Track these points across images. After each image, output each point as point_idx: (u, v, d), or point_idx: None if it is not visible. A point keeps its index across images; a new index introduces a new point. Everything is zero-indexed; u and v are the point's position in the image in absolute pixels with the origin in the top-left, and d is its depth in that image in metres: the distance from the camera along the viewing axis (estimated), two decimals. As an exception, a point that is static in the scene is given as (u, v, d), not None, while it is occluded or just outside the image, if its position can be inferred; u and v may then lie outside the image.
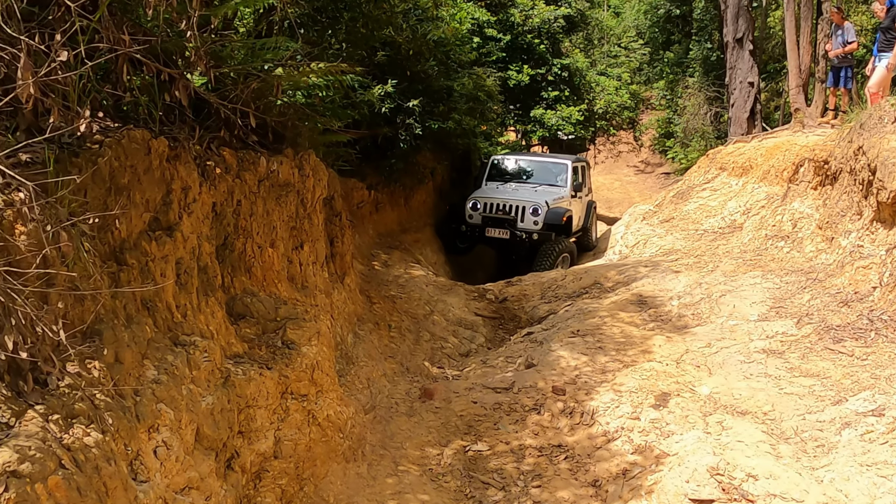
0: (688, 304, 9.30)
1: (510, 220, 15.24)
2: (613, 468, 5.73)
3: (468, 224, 15.50)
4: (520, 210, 15.21)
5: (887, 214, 8.33)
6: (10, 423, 2.49)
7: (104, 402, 2.90)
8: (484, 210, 15.44)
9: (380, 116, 11.67)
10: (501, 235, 15.23)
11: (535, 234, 15.03)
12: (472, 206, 15.56)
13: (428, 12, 12.50)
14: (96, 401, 2.86)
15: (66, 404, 2.72)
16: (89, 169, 3.26)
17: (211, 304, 4.32)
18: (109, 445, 2.80)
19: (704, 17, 30.06)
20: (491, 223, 15.32)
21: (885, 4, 12.21)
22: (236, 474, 4.08)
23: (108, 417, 2.87)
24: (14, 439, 2.43)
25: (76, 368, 2.87)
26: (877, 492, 4.84)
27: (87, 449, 2.66)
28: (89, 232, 3.14)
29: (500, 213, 15.32)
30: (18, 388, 2.61)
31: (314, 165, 6.41)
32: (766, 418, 6.10)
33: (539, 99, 22.78)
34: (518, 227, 15.16)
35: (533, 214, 15.10)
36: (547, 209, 15.20)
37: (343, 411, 5.44)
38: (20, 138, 3.03)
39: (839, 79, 14.70)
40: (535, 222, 15.09)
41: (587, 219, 18.00)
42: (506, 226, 15.20)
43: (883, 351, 6.72)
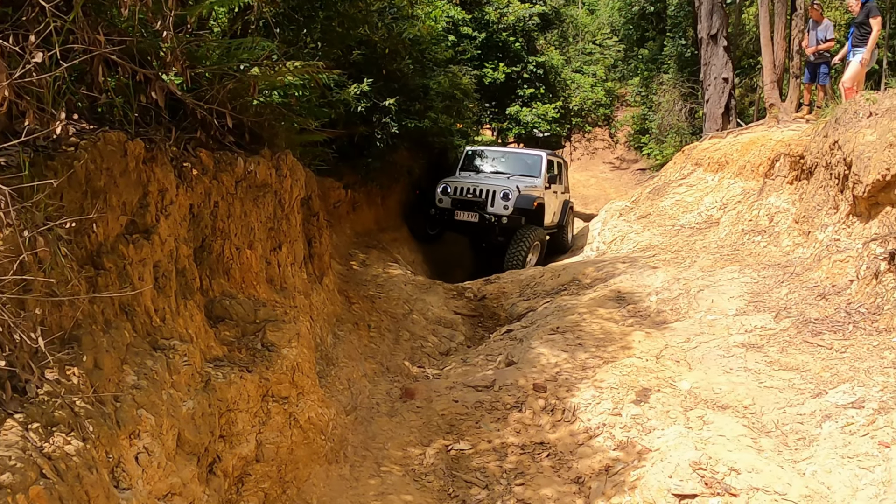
0: (666, 299, 9.33)
1: (480, 202, 14.99)
2: (596, 465, 5.73)
3: (437, 208, 15.27)
4: (490, 194, 15.01)
5: (863, 208, 8.40)
6: (-12, 432, 2.45)
7: (84, 409, 2.87)
8: (454, 193, 15.25)
9: (356, 115, 11.63)
10: (470, 219, 14.97)
11: (504, 219, 14.77)
12: (442, 191, 15.36)
13: (403, 10, 12.49)
14: (76, 408, 2.83)
15: (46, 412, 2.68)
16: (65, 172, 3.22)
17: (190, 307, 4.29)
18: (90, 453, 2.77)
19: (678, 14, 30.19)
20: (460, 206, 15.11)
21: (858, 1, 12.30)
22: (218, 479, 4.05)
23: (89, 424, 2.83)
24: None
25: (55, 375, 2.83)
26: (859, 483, 4.87)
27: (68, 457, 2.62)
28: (66, 236, 3.09)
29: (470, 195, 15.11)
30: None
31: (291, 165, 6.37)
32: (746, 412, 6.13)
33: (515, 97, 22.81)
34: (487, 210, 14.89)
35: (503, 199, 14.88)
36: (518, 194, 15.02)
37: (324, 413, 5.41)
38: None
39: (816, 75, 14.79)
40: (505, 207, 14.85)
41: (563, 216, 17.87)
42: (475, 209, 14.95)
43: (861, 343, 6.76)
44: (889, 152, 7.88)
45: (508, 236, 14.89)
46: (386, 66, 12.38)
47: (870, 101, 9.12)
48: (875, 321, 7.04)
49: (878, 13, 12.24)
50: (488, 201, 14.93)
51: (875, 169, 8.02)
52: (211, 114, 4.54)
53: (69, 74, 3.47)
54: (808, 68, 15.11)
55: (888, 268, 7.31)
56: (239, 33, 6.61)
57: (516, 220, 14.87)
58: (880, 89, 15.99)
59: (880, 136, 8.21)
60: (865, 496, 4.75)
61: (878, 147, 8.12)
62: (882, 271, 7.37)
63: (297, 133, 7.26)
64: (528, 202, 15.08)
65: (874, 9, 12.29)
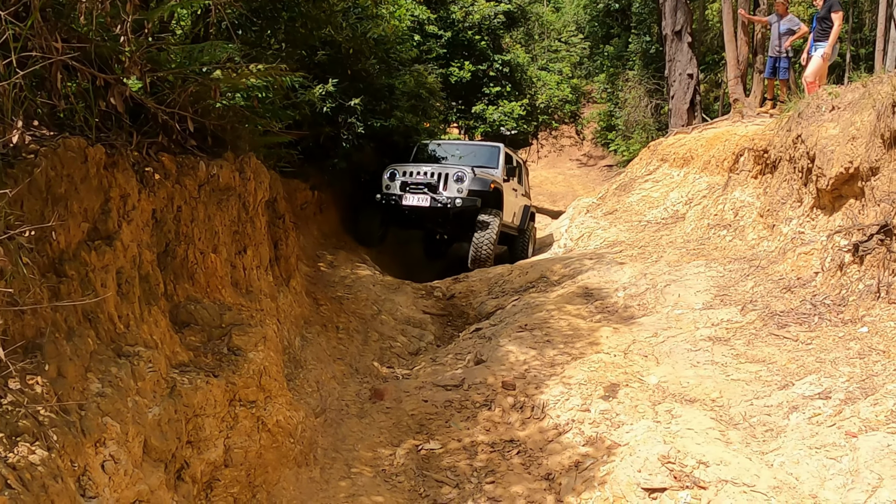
0: (633, 294, 9.39)
1: (431, 184, 13.75)
2: (566, 461, 5.76)
3: (384, 194, 13.85)
4: (442, 177, 13.84)
5: (827, 201, 8.50)
6: (-51, 444, 2.43)
7: (48, 418, 2.85)
8: (403, 176, 13.96)
9: (321, 116, 11.60)
10: (420, 203, 13.63)
11: (458, 201, 13.55)
12: (389, 176, 14.05)
13: (367, 10, 12.48)
14: (40, 417, 2.81)
15: (10, 422, 2.66)
16: (25, 180, 3.19)
17: (154, 313, 4.26)
18: (56, 462, 2.75)
19: (643, 11, 30.37)
20: (409, 189, 13.79)
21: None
22: (187, 485, 4.03)
23: (53, 434, 2.81)
24: (-46, 461, 2.37)
25: (17, 385, 2.81)
26: (826, 473, 4.94)
27: (33, 467, 2.61)
28: (27, 244, 3.07)
29: (421, 177, 13.86)
30: (-43, 408, 2.55)
31: (255, 168, 6.34)
32: (714, 405, 6.19)
33: (481, 95, 22.86)
34: (439, 193, 13.69)
35: (457, 181, 13.75)
36: (473, 176, 13.88)
37: (293, 416, 5.40)
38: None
39: (777, 69, 14.93)
40: (458, 190, 13.68)
41: (523, 220, 16.59)
42: (425, 191, 13.68)
43: (827, 335, 6.84)
44: (852, 145, 7.98)
45: (462, 224, 14.07)
46: (351, 67, 12.35)
47: (832, 96, 9.24)
48: (840, 312, 7.13)
49: (839, 8, 12.38)
50: (440, 184, 13.79)
51: (838, 162, 8.13)
52: (173, 118, 4.52)
53: (27, 81, 3.43)
54: (769, 62, 15.25)
55: (852, 259, 7.40)
56: (202, 36, 6.57)
57: (471, 203, 13.73)
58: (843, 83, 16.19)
59: (843, 130, 8.31)
60: (833, 486, 4.82)
61: (841, 140, 8.22)
62: (846, 263, 7.47)
63: (261, 135, 7.24)
64: (484, 184, 14.05)
65: (836, 4, 12.43)
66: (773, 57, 14.99)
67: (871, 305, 6.83)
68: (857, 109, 8.20)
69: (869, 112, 7.81)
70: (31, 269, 3.06)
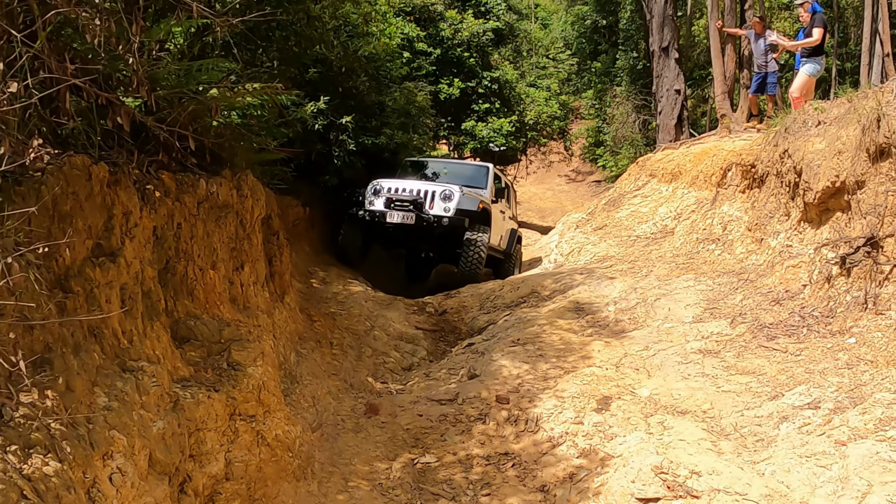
0: (624, 309, 9.49)
1: (418, 202, 13.10)
2: (560, 473, 5.84)
3: (367, 211, 13.15)
4: (429, 194, 13.21)
5: (814, 214, 8.63)
6: (-33, 456, 2.50)
7: (59, 431, 2.91)
8: (388, 192, 13.26)
9: (313, 133, 11.70)
10: (406, 220, 12.98)
11: (445, 220, 12.91)
12: (372, 191, 13.34)
13: (358, 28, 12.59)
14: (52, 430, 2.87)
15: (23, 434, 2.73)
16: (33, 197, 3.26)
17: (156, 328, 4.33)
18: (68, 474, 2.81)
19: (630, 27, 30.62)
20: (394, 206, 13.09)
21: (808, 11, 12.59)
22: (189, 498, 4.09)
23: (66, 446, 2.88)
24: (-27, 472, 2.44)
25: (30, 398, 2.87)
26: (817, 481, 5.04)
27: (47, 478, 2.67)
28: (36, 261, 3.13)
29: (407, 194, 13.22)
30: (-28, 421, 2.62)
31: (252, 186, 6.43)
32: (705, 416, 6.29)
33: (470, 111, 23.05)
34: (425, 211, 13.04)
35: (444, 200, 13.13)
36: (461, 194, 13.27)
37: (291, 430, 5.46)
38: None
39: (764, 85, 15.11)
40: (445, 209, 13.05)
41: (510, 244, 15.98)
42: (411, 209, 13.00)
43: (815, 346, 6.95)
44: (838, 160, 8.11)
45: (448, 244, 13.52)
46: (342, 84, 12.46)
47: (818, 111, 9.37)
48: (828, 324, 7.24)
49: (821, 25, 12.52)
50: (427, 202, 13.16)
51: (825, 176, 8.25)
52: (173, 136, 4.60)
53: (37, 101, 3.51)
54: (755, 78, 15.43)
55: (840, 272, 7.52)
56: (196, 54, 6.66)
57: (459, 222, 13.12)
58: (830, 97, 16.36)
59: (829, 145, 8.44)
60: (824, 493, 4.91)
61: (827, 155, 8.35)
62: (834, 275, 7.58)
63: (256, 153, 7.32)
64: (472, 203, 13.42)
65: (819, 20, 12.58)
66: (760, 73, 15.17)
67: (858, 317, 6.95)
68: (843, 124, 8.33)
69: (854, 127, 7.94)
70: (39, 286, 3.12)
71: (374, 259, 14.68)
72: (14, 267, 2.76)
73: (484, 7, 24.76)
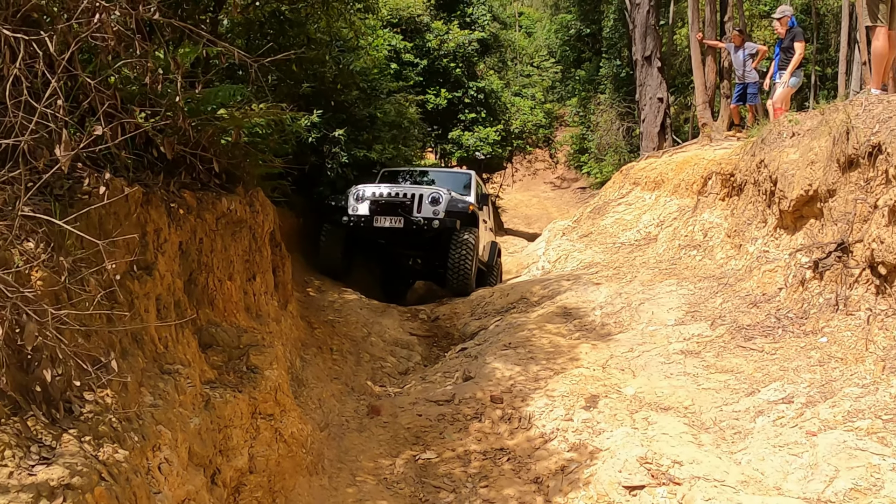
0: (610, 313, 9.90)
1: (406, 205, 12.71)
2: (552, 465, 6.22)
3: (352, 216, 12.70)
4: (416, 197, 12.81)
5: (789, 221, 9.04)
6: (52, 445, 2.91)
7: (120, 425, 3.32)
8: (373, 196, 12.88)
9: (307, 146, 12.05)
10: (394, 224, 12.58)
11: (435, 222, 12.58)
12: (356, 197, 12.90)
13: (349, 43, 12.95)
14: (114, 424, 3.28)
15: (92, 427, 3.13)
16: (83, 218, 3.67)
17: (186, 335, 4.73)
18: (134, 460, 3.23)
19: (613, 36, 31.06)
20: (381, 211, 12.70)
21: (786, 25, 13.01)
22: (219, 489, 4.49)
23: (126, 437, 3.30)
24: (61, 458, 2.85)
25: (93, 397, 3.28)
26: (789, 468, 5.42)
27: (119, 464, 3.08)
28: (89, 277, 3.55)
29: (393, 198, 12.82)
30: (52, 416, 3.03)
31: (262, 202, 6.86)
32: (687, 412, 6.68)
33: (457, 121, 23.42)
34: (414, 215, 12.65)
35: (432, 203, 12.77)
36: (449, 197, 13.00)
37: (303, 428, 5.87)
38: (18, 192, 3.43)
39: (745, 95, 15.55)
40: (434, 212, 12.69)
41: (491, 256, 15.64)
42: (399, 212, 12.63)
43: (790, 345, 7.33)
44: (811, 169, 8.52)
45: (437, 250, 13.16)
46: (334, 98, 12.81)
47: (792, 122, 9.78)
48: (803, 325, 7.61)
49: (801, 38, 12.92)
50: (415, 205, 12.76)
51: (799, 185, 8.66)
52: (196, 157, 5.01)
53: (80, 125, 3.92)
54: (736, 88, 15.87)
55: (813, 275, 7.89)
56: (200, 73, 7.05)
57: (450, 224, 12.82)
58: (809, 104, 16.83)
59: (802, 155, 8.85)
60: (795, 479, 5.30)
61: (801, 165, 8.76)
62: (808, 279, 7.95)
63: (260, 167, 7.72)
64: (462, 205, 13.16)
65: (799, 34, 12.96)
66: (741, 84, 15.61)
67: (830, 317, 7.29)
68: (816, 136, 8.73)
69: (826, 138, 8.33)
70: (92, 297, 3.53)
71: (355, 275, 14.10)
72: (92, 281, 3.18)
73: (469, 18, 25.19)
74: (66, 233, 3.38)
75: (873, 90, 8.85)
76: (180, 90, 3.96)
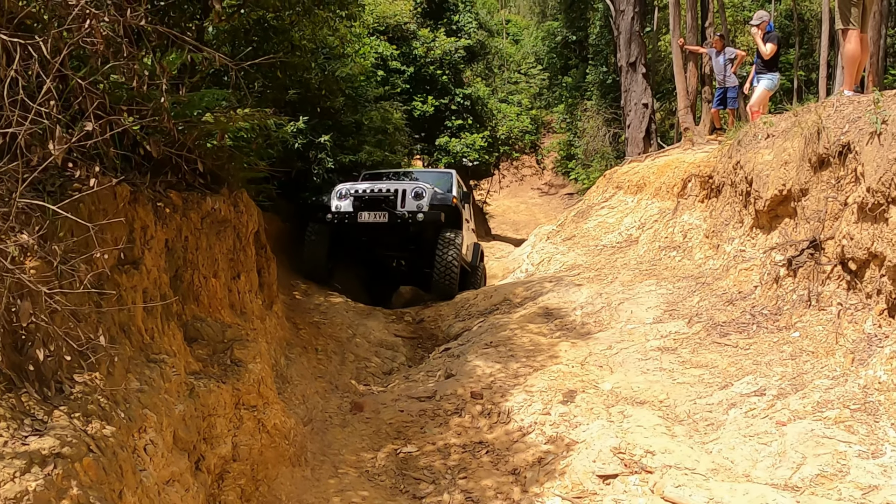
0: (590, 312, 10.11)
1: (390, 200, 12.61)
2: (530, 457, 6.41)
3: (335, 213, 12.60)
4: (400, 192, 12.71)
5: (764, 221, 9.26)
6: (43, 419, 3.11)
7: (108, 405, 3.51)
8: (356, 193, 12.73)
9: (293, 152, 12.22)
10: (378, 219, 12.48)
11: (419, 216, 12.46)
12: (338, 195, 12.82)
13: (335, 50, 13.12)
14: (102, 404, 3.47)
15: (82, 405, 3.32)
16: (73, 208, 3.85)
17: (171, 327, 4.92)
18: (120, 436, 3.42)
19: (599, 42, 31.31)
20: (365, 206, 12.57)
21: (764, 30, 13.23)
22: (203, 474, 4.67)
23: (114, 415, 3.48)
24: (52, 430, 3.05)
25: (82, 378, 3.47)
26: (758, 456, 5.61)
27: (106, 438, 3.27)
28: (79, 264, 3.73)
29: (377, 193, 12.66)
30: (44, 394, 3.22)
31: (247, 202, 7.06)
32: (661, 405, 6.88)
33: (444, 128, 23.61)
34: (398, 210, 12.56)
35: (416, 198, 12.66)
36: (433, 191, 12.95)
37: (286, 421, 6.05)
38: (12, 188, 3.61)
39: (726, 100, 15.82)
40: (418, 206, 12.60)
41: (475, 257, 15.50)
42: (383, 207, 12.53)
43: (763, 341, 7.53)
44: (784, 170, 8.74)
45: (422, 246, 13.01)
46: (320, 104, 12.97)
47: (767, 124, 10.01)
48: (776, 321, 7.80)
49: (774, 41, 13.13)
50: (398, 200, 12.67)
51: (773, 185, 8.88)
52: (181, 158, 5.19)
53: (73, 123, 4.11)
54: (717, 92, 16.14)
55: (787, 273, 8.09)
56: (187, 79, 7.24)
57: (434, 217, 12.67)
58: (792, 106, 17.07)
59: (776, 156, 9.07)
60: (763, 466, 5.48)
61: (775, 165, 8.98)
62: (781, 276, 8.15)
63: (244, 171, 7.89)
64: (445, 199, 13.09)
65: (774, 38, 13.20)
66: (721, 88, 15.88)
67: (802, 313, 7.49)
68: (789, 137, 8.93)
69: (798, 139, 8.54)
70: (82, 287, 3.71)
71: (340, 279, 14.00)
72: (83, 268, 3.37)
73: (456, 25, 25.42)
74: (59, 223, 3.56)
75: (846, 91, 9.05)
76: (165, 93, 4.14)
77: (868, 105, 7.19)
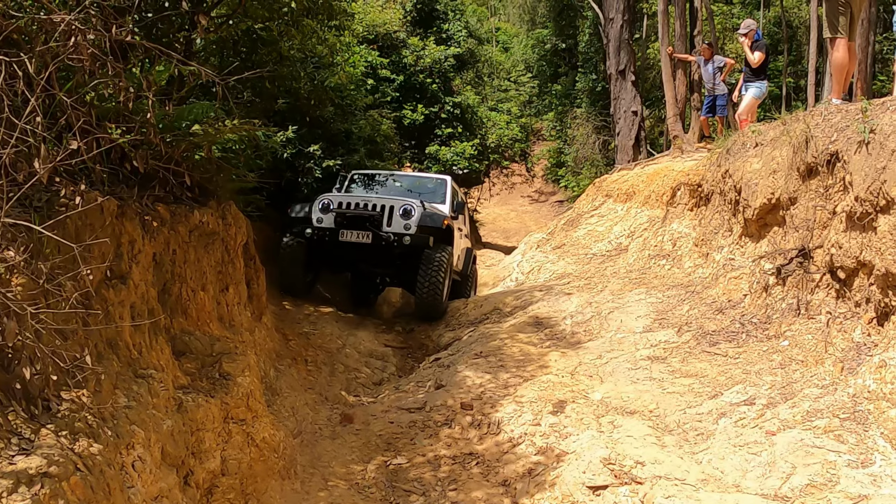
0: (580, 322, 10.10)
1: (374, 218, 11.71)
2: (520, 469, 6.40)
3: (315, 229, 11.69)
4: (387, 209, 11.75)
5: (753, 229, 9.28)
6: (31, 438, 3.10)
7: (95, 422, 3.50)
8: (339, 208, 11.84)
9: (282, 162, 12.20)
10: (362, 240, 11.57)
11: (406, 238, 11.55)
12: (321, 207, 11.87)
13: (324, 60, 13.11)
14: (89, 421, 3.46)
15: (69, 423, 3.31)
16: (60, 229, 3.84)
17: (159, 342, 4.91)
18: (108, 454, 3.41)
19: (589, 50, 31.38)
20: (347, 224, 11.69)
21: (752, 38, 13.28)
22: (192, 489, 4.65)
23: (101, 433, 3.47)
24: (39, 449, 3.05)
25: (70, 396, 3.45)
26: (748, 466, 5.61)
27: (93, 456, 3.26)
28: (66, 282, 3.71)
29: (361, 210, 11.79)
30: (31, 412, 3.21)
31: (235, 215, 7.04)
32: (651, 415, 6.87)
33: (434, 136, 23.58)
34: (384, 230, 11.66)
35: (403, 216, 11.71)
36: (422, 210, 11.94)
37: (276, 434, 6.03)
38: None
39: (715, 108, 15.87)
40: (406, 226, 11.65)
41: (466, 264, 14.59)
42: (367, 226, 11.63)
43: (753, 350, 7.54)
44: (773, 178, 8.76)
45: (408, 266, 12.03)
46: (309, 114, 12.94)
47: (756, 133, 10.02)
48: (766, 329, 7.81)
49: (762, 49, 13.19)
50: (384, 218, 11.73)
51: (762, 194, 8.91)
52: (169, 172, 5.18)
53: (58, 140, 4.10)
54: (706, 100, 16.19)
55: (776, 281, 8.11)
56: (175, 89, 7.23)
57: (422, 241, 11.75)
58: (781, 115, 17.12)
59: (765, 164, 9.10)
60: (753, 476, 5.48)
61: (764, 174, 9.01)
62: (771, 285, 8.17)
63: (234, 183, 7.88)
64: (436, 220, 12.13)
65: (761, 46, 13.25)
66: (710, 96, 15.93)
67: (791, 321, 7.50)
68: (777, 145, 8.95)
69: (787, 148, 8.56)
70: (69, 303, 3.70)
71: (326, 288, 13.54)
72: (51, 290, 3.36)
73: (445, 34, 25.45)
74: (45, 240, 3.55)
75: (834, 100, 9.09)
76: (152, 107, 4.14)
77: (856, 114, 7.22)
